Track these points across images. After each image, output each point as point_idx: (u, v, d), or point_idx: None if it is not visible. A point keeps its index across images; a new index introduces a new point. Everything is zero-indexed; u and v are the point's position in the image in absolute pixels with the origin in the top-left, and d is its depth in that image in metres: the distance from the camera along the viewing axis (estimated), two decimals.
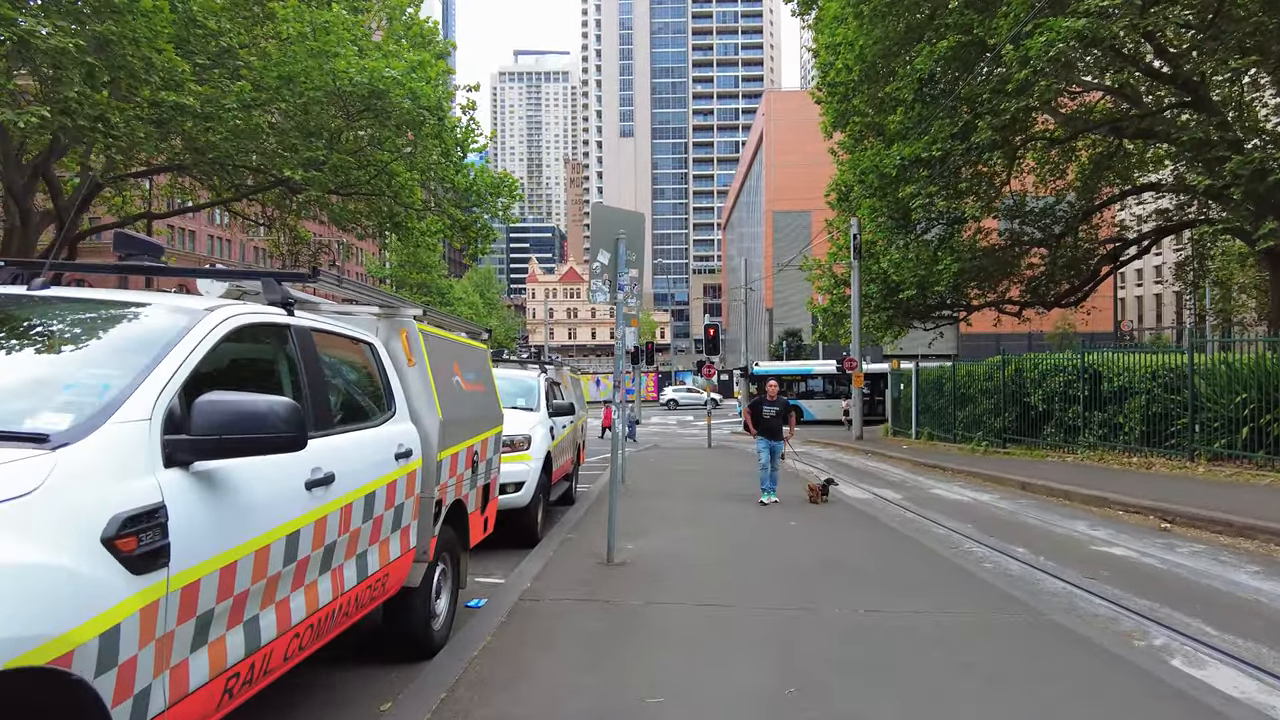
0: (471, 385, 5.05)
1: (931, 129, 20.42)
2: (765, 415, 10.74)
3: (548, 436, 8.04)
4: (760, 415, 10.79)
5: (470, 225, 22.09)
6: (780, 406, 10.83)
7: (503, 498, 7.05)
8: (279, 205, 21.58)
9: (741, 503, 10.74)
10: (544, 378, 8.94)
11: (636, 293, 6.41)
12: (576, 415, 10.65)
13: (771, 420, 10.74)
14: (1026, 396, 17.45)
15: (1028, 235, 25.12)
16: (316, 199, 20.02)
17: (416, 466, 3.96)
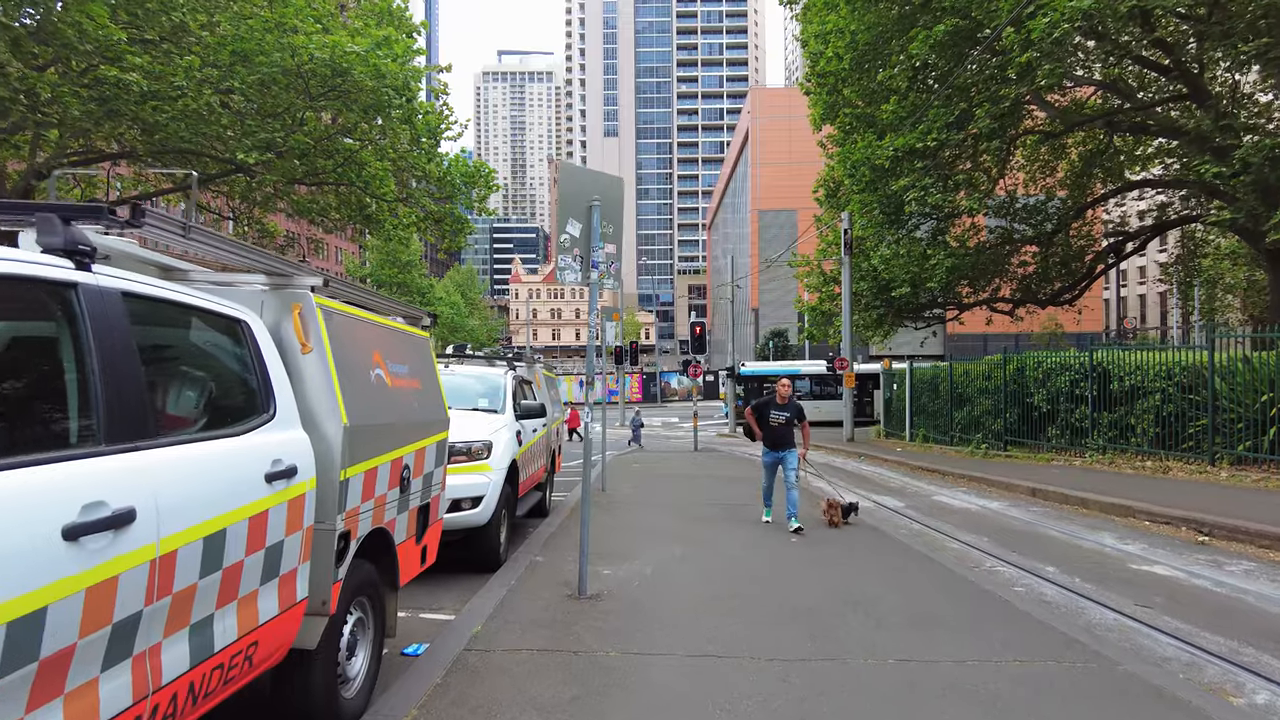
0: (403, 381, 4.00)
1: (926, 118, 19.56)
2: (773, 420, 8.91)
3: (513, 442, 6.99)
4: (766, 420, 8.96)
5: (444, 217, 21.03)
6: (791, 411, 8.95)
7: (457, 515, 6.01)
8: (244, 197, 20.37)
9: (734, 514, 9.74)
10: (512, 376, 7.90)
11: (614, 272, 5.39)
12: (550, 418, 9.62)
13: (781, 427, 8.93)
14: (1029, 396, 16.58)
15: (1018, 233, 24.39)
16: (282, 191, 18.88)
17: (305, 489, 2.91)
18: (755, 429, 9.10)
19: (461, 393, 7.53)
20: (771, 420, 8.90)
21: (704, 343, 22.02)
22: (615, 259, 5.39)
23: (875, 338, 28.11)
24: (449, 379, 7.81)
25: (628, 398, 49.04)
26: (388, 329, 3.98)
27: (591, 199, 5.15)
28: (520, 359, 8.95)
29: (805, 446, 9.36)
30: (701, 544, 7.61)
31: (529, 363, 9.53)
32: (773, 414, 8.88)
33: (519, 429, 7.35)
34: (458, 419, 6.66)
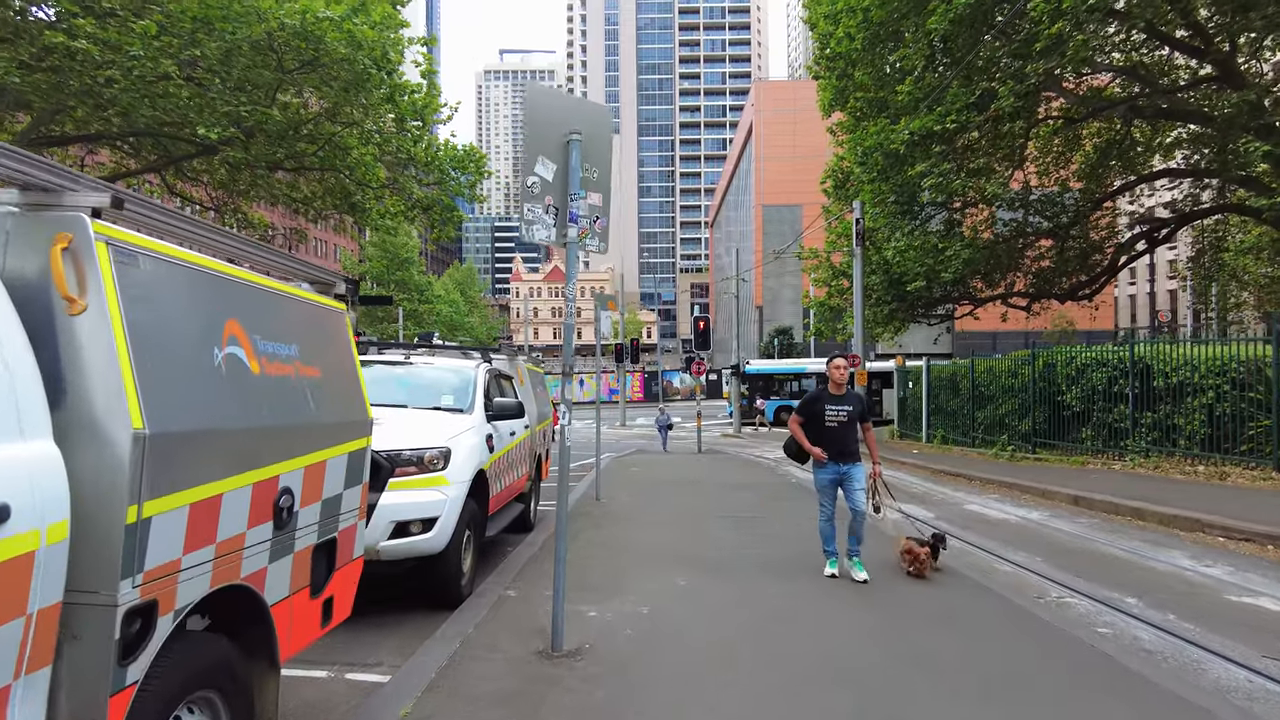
0: (284, 366, 2.77)
1: (945, 99, 18.33)
2: (829, 419, 6.16)
3: (481, 449, 5.77)
4: (820, 420, 6.21)
5: (433, 205, 19.84)
6: (853, 404, 6.27)
7: (403, 542, 4.80)
8: (225, 186, 19.19)
9: (746, 529, 8.50)
10: (485, 369, 6.67)
11: (599, 230, 4.18)
12: (537, 418, 8.39)
13: (842, 428, 6.15)
14: (1059, 395, 15.33)
15: (1033, 226, 23.22)
16: (260, 177, 17.71)
17: (32, 546, 1.69)
18: (804, 443, 6.23)
19: (420, 389, 6.32)
20: (828, 419, 6.19)
21: (708, 338, 20.80)
22: (601, 213, 4.17)
23: (886, 334, 26.92)
24: (405, 373, 6.60)
25: (629, 397, 47.81)
26: (261, 291, 2.75)
27: (570, 132, 3.93)
28: (499, 350, 7.71)
29: (876, 460, 6.56)
30: (710, 570, 6.37)
31: (510, 355, 8.30)
32: (829, 411, 6.19)
33: (490, 432, 6.12)
34: (408, 421, 5.45)
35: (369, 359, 6.66)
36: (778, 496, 11.42)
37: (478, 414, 6.08)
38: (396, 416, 5.50)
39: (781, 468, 17.05)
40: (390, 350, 7.45)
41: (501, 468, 6.52)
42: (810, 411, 6.33)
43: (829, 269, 27.45)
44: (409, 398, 6.15)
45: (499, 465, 6.40)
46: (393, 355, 6.93)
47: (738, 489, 12.38)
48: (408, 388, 6.34)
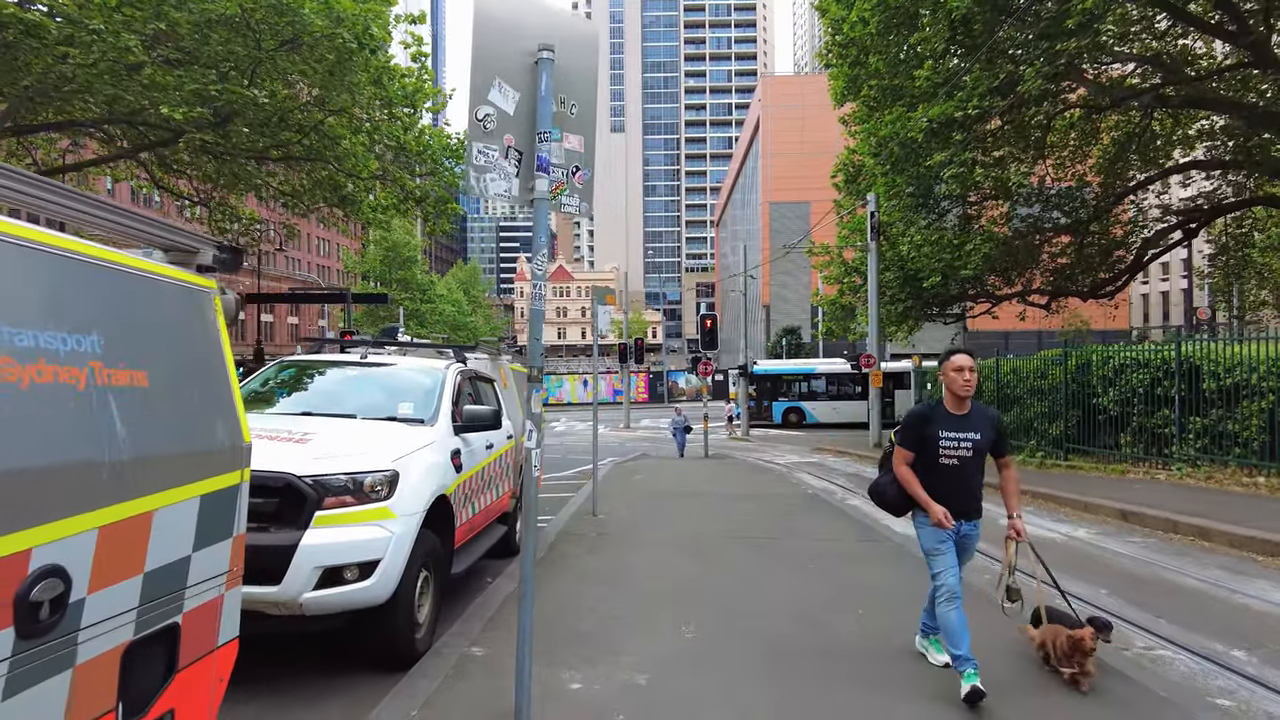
0: (67, 371, 1.73)
1: (966, 83, 17.27)
2: (947, 453, 4.01)
3: (444, 469, 4.73)
4: (934, 454, 4.03)
5: (425, 197, 18.88)
6: (983, 429, 4.06)
7: (334, 593, 3.77)
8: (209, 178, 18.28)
9: (762, 553, 7.44)
10: (455, 372, 5.64)
11: (580, 185, 3.13)
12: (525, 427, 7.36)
13: (962, 469, 4.03)
14: (1094, 397, 14.23)
15: (1050, 221, 22.24)
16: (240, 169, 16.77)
17: None
18: (921, 496, 4.00)
19: (374, 396, 5.29)
20: (944, 453, 3.99)
21: (715, 337, 19.75)
22: (582, 162, 3.13)
23: (899, 333, 25.89)
24: (358, 376, 5.57)
25: (633, 398, 46.75)
26: (21, 250, 1.71)
27: (539, 48, 2.88)
28: (475, 349, 6.65)
29: (1015, 514, 4.26)
30: (725, 613, 5.30)
31: (491, 355, 7.25)
32: (945, 441, 3.98)
33: (458, 447, 5.07)
34: (348, 436, 4.42)
35: (313, 359, 5.67)
36: (794, 511, 10.36)
37: (442, 426, 5.03)
38: (333, 431, 4.47)
39: (794, 475, 15.99)
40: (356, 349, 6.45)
41: (474, 489, 5.47)
42: (918, 439, 4.00)
43: (840, 265, 26.41)
44: (359, 407, 5.12)
45: (470, 486, 5.35)
46: (350, 355, 5.91)
47: (749, 501, 11.31)
48: (359, 395, 5.32)
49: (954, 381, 4.03)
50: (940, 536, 4.05)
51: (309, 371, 5.66)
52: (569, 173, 3.12)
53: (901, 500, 4.23)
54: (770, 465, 18.17)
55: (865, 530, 8.91)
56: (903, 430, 4.17)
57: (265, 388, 5.47)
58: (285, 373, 5.63)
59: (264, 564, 3.65)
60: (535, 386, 3.10)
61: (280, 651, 4.45)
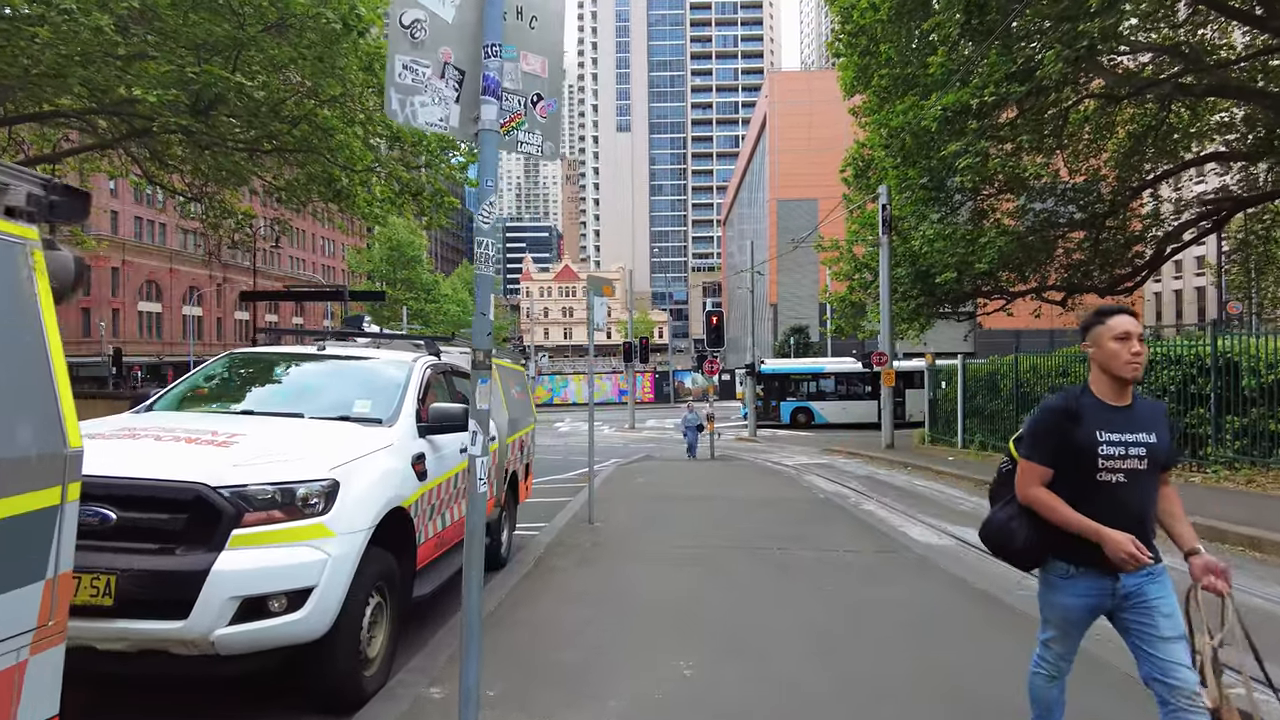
0: None
1: (982, 69, 16.58)
2: (1112, 463, 2.58)
3: (403, 476, 4.06)
4: (1091, 464, 2.58)
5: (421, 191, 18.26)
6: (1161, 425, 2.67)
7: (258, 627, 3.12)
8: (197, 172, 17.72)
9: (772, 565, 6.75)
10: (424, 366, 4.94)
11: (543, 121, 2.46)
12: (510, 426, 6.68)
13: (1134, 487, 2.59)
14: None
15: (1064, 216, 21.59)
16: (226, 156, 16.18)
17: None
18: (1061, 510, 2.59)
19: (326, 392, 4.64)
20: (1105, 465, 2.58)
21: (721, 334, 19.07)
22: (546, 92, 2.46)
23: (911, 331, 25.15)
24: (312, 370, 4.92)
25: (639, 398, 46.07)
26: None
27: None
28: (453, 339, 5.95)
29: (1192, 538, 2.64)
30: (730, 644, 4.61)
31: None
32: (1108, 447, 2.58)
33: (421, 451, 4.40)
34: (283, 438, 3.76)
35: (265, 352, 5.03)
36: (806, 518, 9.67)
37: (403, 426, 4.36)
38: (267, 432, 3.82)
39: (804, 478, 15.29)
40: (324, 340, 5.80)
41: (444, 498, 4.80)
42: (1059, 447, 2.64)
43: (850, 261, 25.68)
44: (309, 404, 4.46)
45: (439, 496, 4.68)
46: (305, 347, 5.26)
47: (758, 507, 10.63)
48: (310, 391, 4.67)
49: (1116, 358, 2.59)
50: (1074, 604, 2.67)
51: (259, 365, 5.02)
52: (528, 102, 2.45)
53: (1036, 544, 2.70)
54: (779, 467, 17.47)
55: (883, 540, 8.21)
56: (1032, 435, 2.71)
57: (207, 383, 4.83)
58: (232, 367, 4.98)
59: (167, 593, 2.99)
60: (481, 376, 2.43)
61: (195, 689, 3.80)
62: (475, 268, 2.35)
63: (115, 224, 55.38)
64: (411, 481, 4.15)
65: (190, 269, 57.96)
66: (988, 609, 5.40)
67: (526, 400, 7.96)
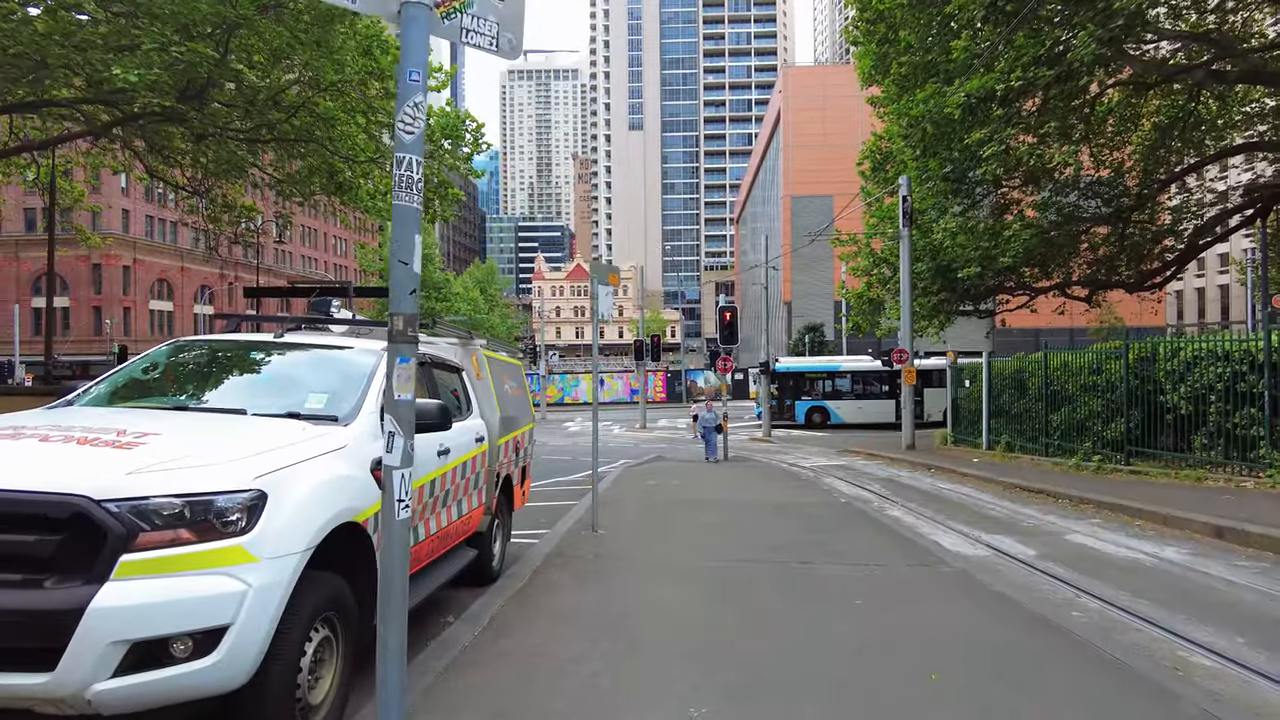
0: None
1: (1008, 53, 15.83)
2: None
3: (358, 485, 3.38)
4: None
5: (424, 181, 17.64)
6: None
7: (154, 677, 2.48)
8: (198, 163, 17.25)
9: (804, 582, 6.06)
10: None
11: (503, 7, 1.81)
12: (502, 426, 6.01)
13: None
14: (1162, 395, 12.68)
15: (1086, 210, 20.83)
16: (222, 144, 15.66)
17: None
18: None
19: (275, 385, 4.00)
20: None
21: (735, 330, 18.37)
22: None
23: (931, 328, 24.37)
24: (262, 360, 4.27)
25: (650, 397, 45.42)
26: None
27: None
28: (433, 326, 5.27)
29: None
30: (751, 682, 3.92)
31: (461, 338, 5.90)
32: None
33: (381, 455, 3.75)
34: (204, 437, 3.11)
35: (215, 339, 4.40)
36: (828, 524, 8.96)
37: (362, 425, 3.70)
38: (188, 430, 3.17)
39: (823, 480, 14.57)
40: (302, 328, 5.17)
41: (414, 509, 4.14)
42: None
43: (869, 256, 24.91)
44: (254, 398, 3.82)
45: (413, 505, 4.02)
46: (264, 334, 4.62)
47: (776, 512, 9.92)
48: (260, 383, 4.03)
49: None
50: None
51: (206, 354, 4.38)
52: None
53: None
54: (796, 469, 16.75)
55: (914, 551, 7.49)
56: None
57: (145, 375, 4.20)
58: (175, 356, 4.34)
59: (28, 638, 2.35)
60: (400, 354, 1.76)
61: None
62: (395, 197, 1.70)
63: (127, 222, 55.27)
64: (371, 490, 3.49)
65: (201, 268, 57.75)
66: (1050, 640, 4.67)
67: (524, 397, 7.29)
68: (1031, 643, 4.60)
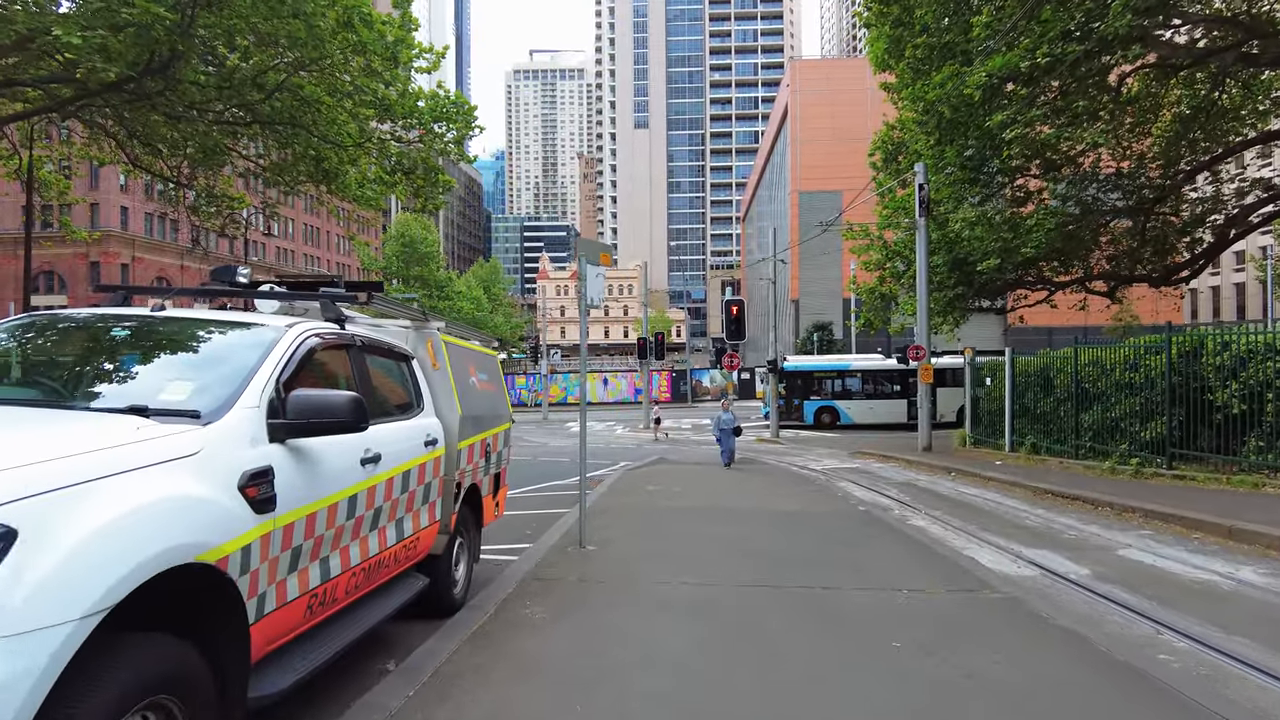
0: None
1: (1036, 28, 14.84)
2: None
3: (213, 511, 2.41)
4: None
5: (415, 167, 16.75)
6: None
7: None
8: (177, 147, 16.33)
9: (828, 616, 5.04)
10: (301, 336, 3.18)
11: None
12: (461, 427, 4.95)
13: None
14: (1208, 393, 11.61)
15: (1104, 203, 19.89)
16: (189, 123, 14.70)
17: None
18: None
19: (135, 369, 2.99)
20: None
21: (742, 326, 17.33)
22: None
23: (946, 325, 23.34)
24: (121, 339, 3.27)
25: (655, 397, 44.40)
26: None
27: None
28: (370, 299, 4.22)
29: None
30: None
31: (416, 320, 4.87)
32: None
33: (265, 465, 2.72)
34: None
35: (73, 314, 3.42)
36: (848, 538, 7.93)
37: (231, 424, 2.68)
38: None
39: (836, 485, 13.54)
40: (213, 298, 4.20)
41: (321, 535, 3.12)
42: None
43: (881, 249, 23.84)
44: (97, 386, 2.84)
45: (308, 533, 3.01)
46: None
47: (788, 523, 8.89)
48: (114, 368, 3.03)
49: None
50: None
51: (58, 332, 3.39)
52: None
53: None
54: (807, 472, 15.71)
55: (950, 571, 6.45)
56: None
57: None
58: (19, 334, 3.35)
59: None
60: None
61: None
62: None
63: (126, 220, 54.56)
64: (236, 516, 2.49)
65: (202, 266, 56.99)
66: (1149, 702, 3.64)
67: (497, 393, 6.25)
68: (1128, 708, 3.57)
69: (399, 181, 17.17)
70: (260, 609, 2.67)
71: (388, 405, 4.10)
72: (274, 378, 2.99)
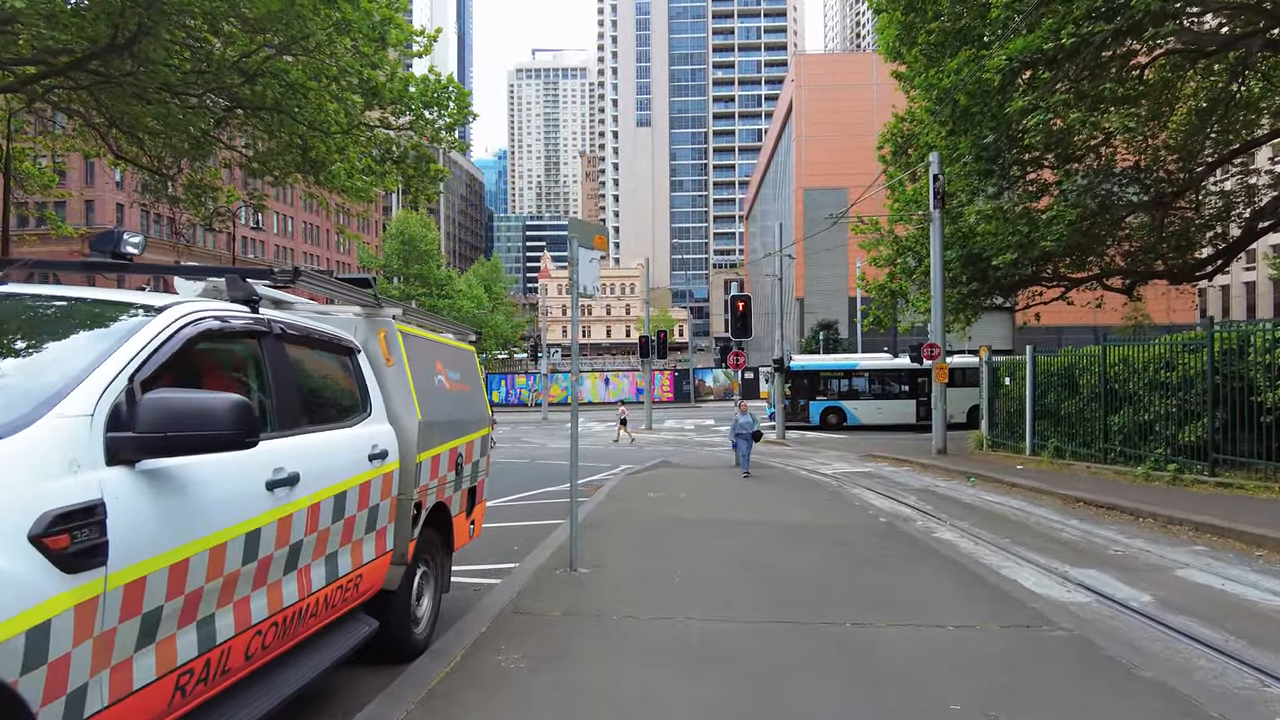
0: None
1: (1060, 7, 14.08)
2: None
3: None
4: None
5: (404, 157, 15.95)
6: None
7: None
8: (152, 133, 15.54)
9: (861, 668, 4.19)
10: (176, 321, 2.36)
11: None
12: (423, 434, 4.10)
13: None
14: (1255, 394, 10.74)
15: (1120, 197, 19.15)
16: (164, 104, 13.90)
17: None
18: None
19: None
20: None
21: (748, 323, 16.49)
22: None
23: (958, 324, 22.52)
24: None
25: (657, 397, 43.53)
26: None
27: None
28: (294, 279, 3.36)
29: None
30: None
31: (367, 305, 4.02)
32: None
33: (96, 500, 1.90)
34: None
35: None
36: (875, 558, 7.07)
37: (38, 441, 1.83)
38: None
39: (850, 491, 12.69)
40: None
41: (196, 593, 2.29)
42: None
43: (892, 245, 22.98)
44: None
45: (174, 585, 2.17)
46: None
47: (802, 538, 8.04)
48: None
49: None
50: None
51: None
52: None
53: None
54: (817, 477, 14.86)
55: (994, 598, 5.59)
56: None
57: None
58: None
59: None
60: None
61: None
62: None
63: (121, 217, 53.82)
64: (9, 583, 1.64)
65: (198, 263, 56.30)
66: None
67: (473, 393, 5.39)
68: None
69: (389, 171, 16.38)
70: (76, 713, 1.82)
71: (320, 410, 3.26)
72: (125, 374, 2.15)
